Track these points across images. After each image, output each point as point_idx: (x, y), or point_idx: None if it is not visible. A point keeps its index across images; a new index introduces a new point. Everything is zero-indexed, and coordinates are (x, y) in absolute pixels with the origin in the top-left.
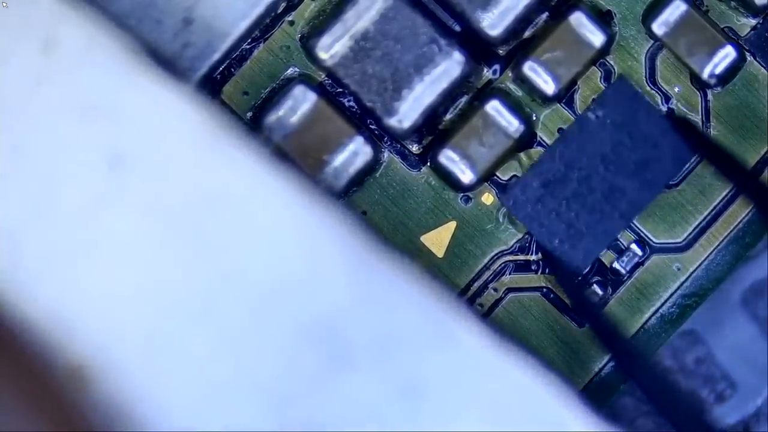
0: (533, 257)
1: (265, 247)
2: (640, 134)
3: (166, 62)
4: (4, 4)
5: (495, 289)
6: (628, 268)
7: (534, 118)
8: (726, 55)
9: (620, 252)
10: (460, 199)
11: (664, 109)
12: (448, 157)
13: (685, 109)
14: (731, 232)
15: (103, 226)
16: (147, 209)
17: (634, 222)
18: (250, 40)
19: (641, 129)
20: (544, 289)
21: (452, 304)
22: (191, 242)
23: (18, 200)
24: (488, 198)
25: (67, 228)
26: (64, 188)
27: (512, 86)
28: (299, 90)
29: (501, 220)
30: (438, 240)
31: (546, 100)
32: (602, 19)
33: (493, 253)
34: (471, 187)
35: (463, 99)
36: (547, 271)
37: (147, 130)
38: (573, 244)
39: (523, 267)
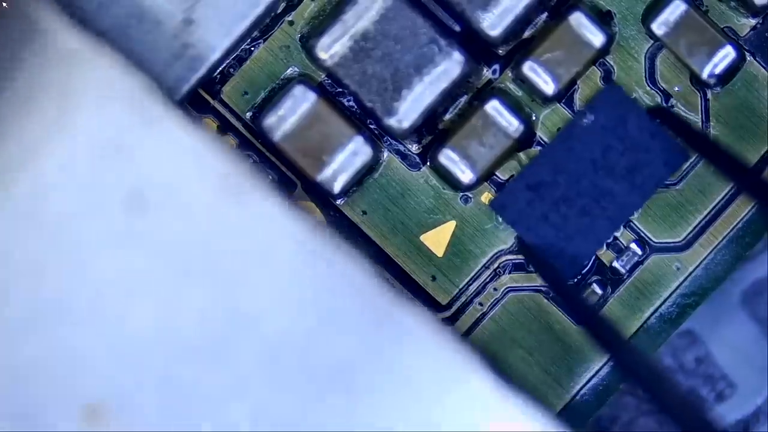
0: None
1: (280, 291)
2: (631, 139)
3: (182, 102)
4: (5, 4)
5: (495, 289)
6: (627, 268)
7: (534, 118)
8: (726, 55)
9: (620, 251)
10: (460, 198)
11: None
12: (447, 157)
13: (684, 109)
14: (731, 231)
15: (120, 267)
16: (163, 251)
17: (634, 221)
18: (249, 40)
19: (632, 133)
20: (544, 288)
21: (463, 350)
22: (207, 285)
23: (35, 239)
24: (488, 198)
25: (83, 267)
26: (81, 228)
27: (512, 86)
28: (299, 90)
29: (500, 219)
30: (437, 239)
31: (546, 100)
32: (602, 19)
33: (492, 253)
34: (470, 187)
35: (463, 99)
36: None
37: (164, 170)
38: (562, 248)
39: (523, 266)
